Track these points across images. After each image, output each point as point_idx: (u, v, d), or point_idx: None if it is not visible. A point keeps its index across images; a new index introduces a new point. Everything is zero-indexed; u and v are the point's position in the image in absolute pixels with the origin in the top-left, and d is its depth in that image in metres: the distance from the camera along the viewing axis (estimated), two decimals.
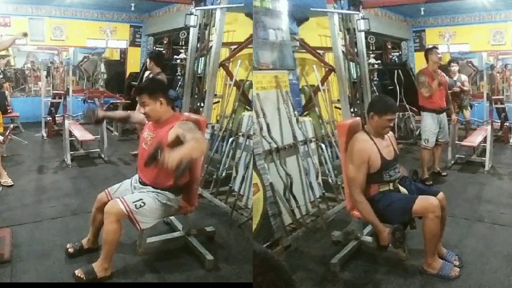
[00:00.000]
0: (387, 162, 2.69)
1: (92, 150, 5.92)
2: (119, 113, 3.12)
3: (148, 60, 5.20)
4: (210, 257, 2.78)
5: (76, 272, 2.52)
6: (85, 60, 9.71)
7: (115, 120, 3.08)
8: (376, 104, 2.78)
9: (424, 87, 4.63)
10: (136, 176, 2.83)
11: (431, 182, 4.65)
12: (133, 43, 9.96)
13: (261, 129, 3.33)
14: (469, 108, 6.86)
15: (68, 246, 2.86)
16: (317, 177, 3.85)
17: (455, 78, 6.60)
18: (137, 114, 3.11)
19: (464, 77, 6.81)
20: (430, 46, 5.55)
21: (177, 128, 2.53)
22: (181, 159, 2.19)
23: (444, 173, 5.08)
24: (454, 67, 6.74)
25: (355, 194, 2.63)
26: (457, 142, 5.62)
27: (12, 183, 4.42)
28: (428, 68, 4.71)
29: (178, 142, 2.44)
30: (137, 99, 2.71)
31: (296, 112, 3.86)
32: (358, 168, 2.62)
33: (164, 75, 5.04)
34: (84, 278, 2.49)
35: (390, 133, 2.88)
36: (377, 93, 6.24)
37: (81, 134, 5.73)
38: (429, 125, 4.72)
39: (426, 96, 4.64)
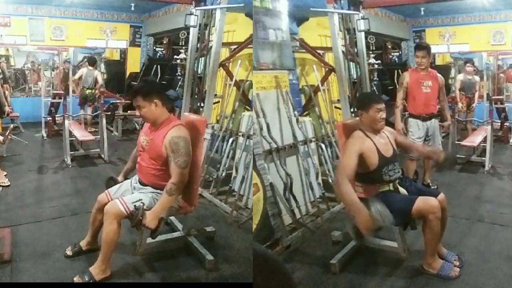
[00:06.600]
0: (385, 159, 2.68)
1: (92, 150, 5.93)
2: (130, 162, 3.03)
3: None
4: (210, 257, 2.78)
5: (75, 279, 2.52)
6: (85, 60, 9.71)
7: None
8: (360, 101, 2.83)
9: (400, 90, 4.32)
10: (136, 176, 2.83)
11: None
12: (133, 43, 9.97)
13: (261, 129, 3.33)
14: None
15: (67, 250, 2.86)
16: (317, 177, 3.85)
17: (469, 78, 7.07)
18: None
19: (477, 78, 7.17)
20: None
21: (168, 141, 2.55)
22: (159, 218, 2.47)
23: (434, 186, 4.37)
24: (469, 68, 7.15)
25: (340, 176, 2.49)
26: (457, 142, 5.62)
27: (9, 184, 4.41)
28: (415, 68, 4.33)
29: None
30: (132, 102, 2.70)
31: (296, 112, 3.86)
32: (349, 156, 2.58)
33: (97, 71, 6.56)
34: None
35: (390, 130, 2.88)
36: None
37: (81, 134, 5.74)
38: (414, 133, 4.25)
39: (398, 100, 4.30)
